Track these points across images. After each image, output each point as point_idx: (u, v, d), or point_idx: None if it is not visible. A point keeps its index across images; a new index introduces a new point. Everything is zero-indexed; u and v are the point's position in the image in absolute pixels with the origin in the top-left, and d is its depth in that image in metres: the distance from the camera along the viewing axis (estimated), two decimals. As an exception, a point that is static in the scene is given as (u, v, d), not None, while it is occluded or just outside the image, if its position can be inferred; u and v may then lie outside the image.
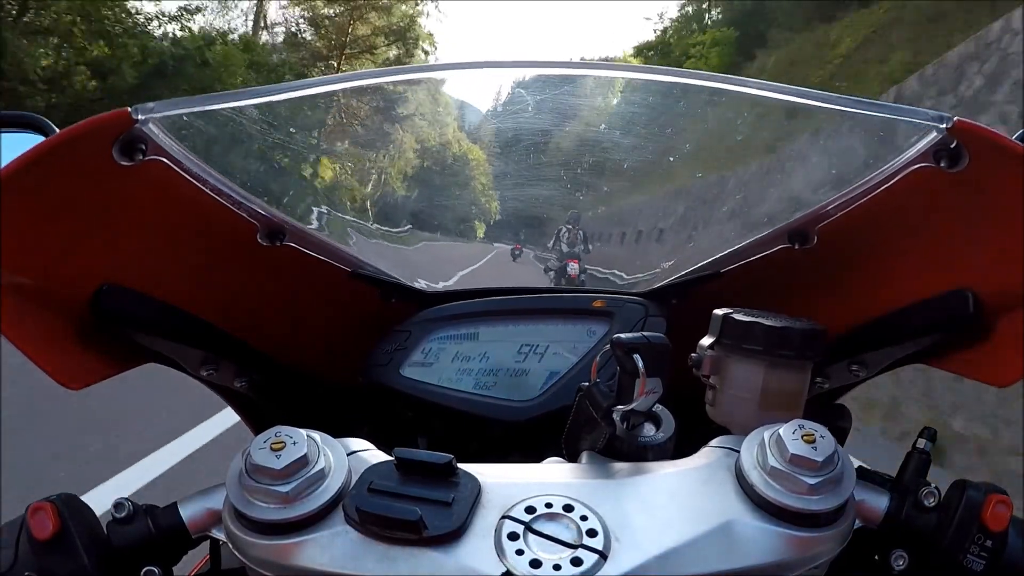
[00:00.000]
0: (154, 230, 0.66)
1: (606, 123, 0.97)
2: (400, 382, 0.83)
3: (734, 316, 0.59)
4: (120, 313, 0.66)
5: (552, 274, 1.18)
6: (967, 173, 0.59)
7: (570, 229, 1.11)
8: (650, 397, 0.54)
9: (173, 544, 0.53)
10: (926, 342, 0.72)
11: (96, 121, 0.55)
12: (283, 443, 0.47)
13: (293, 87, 0.66)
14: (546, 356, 0.84)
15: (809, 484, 0.47)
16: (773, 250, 0.78)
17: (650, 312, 0.84)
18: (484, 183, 1.13)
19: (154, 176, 0.60)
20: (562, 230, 1.11)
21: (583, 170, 1.00)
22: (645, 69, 0.79)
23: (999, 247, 0.63)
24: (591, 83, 0.86)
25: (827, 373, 0.81)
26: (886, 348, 0.75)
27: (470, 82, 0.89)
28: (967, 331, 0.68)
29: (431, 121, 1.18)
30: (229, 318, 0.75)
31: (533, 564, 0.43)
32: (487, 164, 1.09)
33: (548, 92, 0.85)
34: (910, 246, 0.71)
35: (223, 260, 0.74)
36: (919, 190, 0.64)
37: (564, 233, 1.11)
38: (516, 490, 0.48)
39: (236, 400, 0.87)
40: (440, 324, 0.86)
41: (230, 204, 0.68)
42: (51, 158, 0.54)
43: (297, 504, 0.46)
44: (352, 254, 0.84)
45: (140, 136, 0.57)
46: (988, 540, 0.51)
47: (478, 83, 0.88)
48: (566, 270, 1.16)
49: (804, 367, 0.59)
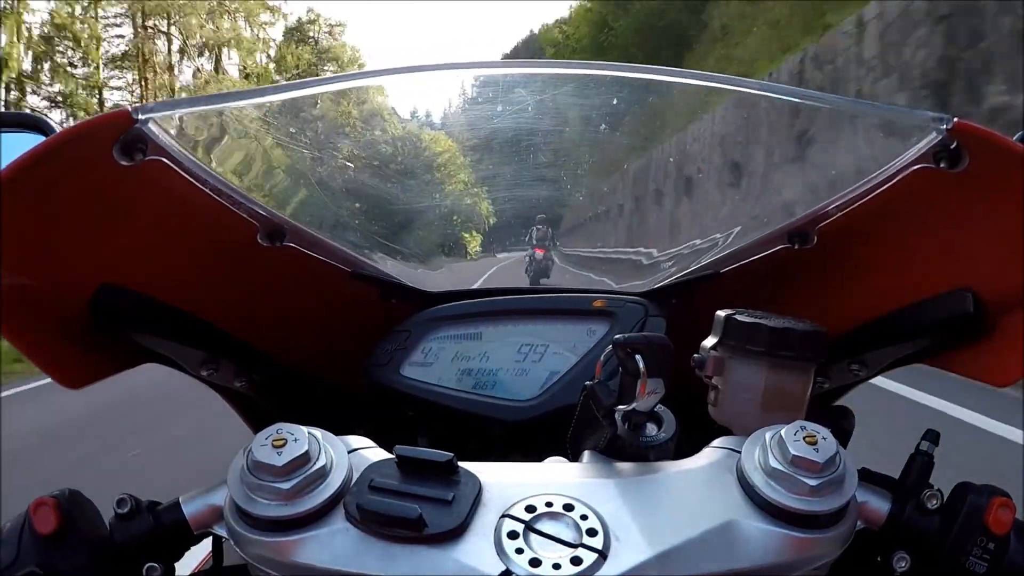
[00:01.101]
0: (154, 230, 0.66)
1: (607, 124, 0.98)
2: (400, 382, 0.83)
3: (736, 317, 0.60)
4: (120, 313, 0.66)
5: (527, 260, 1.43)
6: (967, 174, 0.59)
7: (539, 228, 1.30)
8: (652, 397, 0.54)
9: (175, 540, 0.53)
10: (926, 342, 0.72)
11: (96, 121, 0.55)
12: (284, 440, 0.47)
13: (293, 87, 0.67)
14: (546, 356, 0.84)
15: (810, 485, 0.46)
16: (773, 250, 0.78)
17: (650, 312, 0.84)
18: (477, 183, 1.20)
19: (154, 176, 0.60)
20: (533, 229, 1.31)
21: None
22: (644, 69, 0.78)
23: (999, 247, 0.63)
24: (596, 83, 0.86)
25: (827, 373, 0.81)
26: (886, 348, 0.75)
27: (463, 81, 0.89)
28: (967, 331, 0.68)
29: (424, 119, 1.22)
30: (229, 318, 0.75)
31: (533, 563, 0.43)
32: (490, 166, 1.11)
33: (548, 92, 0.86)
34: (910, 246, 0.71)
35: (223, 260, 0.74)
36: (919, 191, 0.64)
37: (534, 231, 1.32)
38: (516, 489, 0.48)
39: (236, 400, 0.87)
40: (440, 324, 0.86)
41: (230, 204, 0.68)
42: (51, 158, 0.54)
43: (298, 501, 0.46)
44: (352, 254, 0.84)
45: (140, 136, 0.57)
46: (991, 543, 0.51)
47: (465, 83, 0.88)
48: (535, 256, 1.44)
49: (806, 368, 0.59)
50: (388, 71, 0.76)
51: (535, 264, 1.56)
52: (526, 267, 1.51)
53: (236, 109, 0.75)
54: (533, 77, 0.90)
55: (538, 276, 1.61)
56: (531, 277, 1.57)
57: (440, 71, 0.75)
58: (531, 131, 0.94)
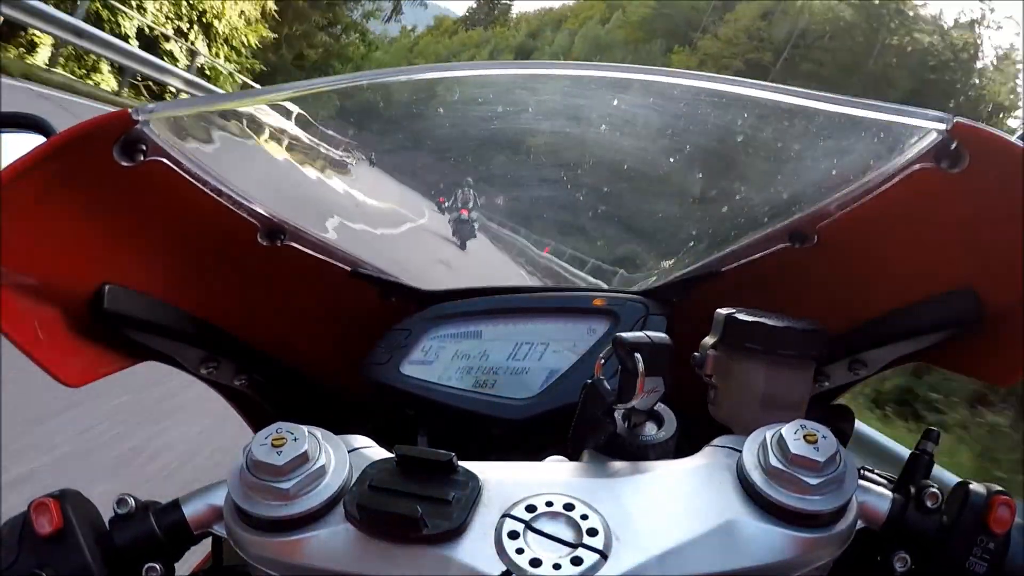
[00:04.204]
0: (154, 230, 0.66)
1: (607, 124, 0.98)
2: (400, 380, 0.83)
3: (736, 316, 0.59)
4: (120, 313, 0.66)
5: (451, 221, 1.64)
6: (967, 173, 0.59)
7: (464, 191, 1.50)
8: (651, 396, 0.54)
9: (175, 541, 0.52)
10: (927, 341, 0.72)
11: (97, 121, 0.56)
12: (284, 439, 0.47)
13: (293, 87, 0.67)
14: (546, 354, 0.83)
15: (811, 484, 0.46)
16: (773, 249, 0.78)
17: (651, 311, 0.84)
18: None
19: (154, 176, 0.60)
20: (459, 191, 1.50)
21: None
22: (643, 70, 0.78)
23: (999, 247, 0.63)
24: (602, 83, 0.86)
25: (827, 372, 0.81)
26: (886, 347, 0.75)
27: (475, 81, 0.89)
28: (968, 330, 0.68)
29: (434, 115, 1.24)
30: (229, 317, 0.75)
31: (533, 563, 0.43)
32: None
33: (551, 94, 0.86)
34: (910, 246, 0.71)
35: (223, 260, 0.74)
36: (919, 190, 0.64)
37: (460, 193, 1.52)
38: (517, 488, 0.47)
39: (236, 399, 0.87)
40: (440, 323, 0.86)
41: (230, 204, 0.68)
42: (52, 158, 0.54)
43: (298, 501, 0.46)
44: (352, 254, 0.84)
45: (140, 136, 0.57)
46: (991, 542, 0.51)
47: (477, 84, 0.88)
48: (460, 218, 1.64)
49: (806, 367, 0.59)
50: (392, 71, 0.76)
51: (459, 225, 1.71)
52: (452, 230, 1.70)
53: (236, 109, 0.75)
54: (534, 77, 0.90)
55: (464, 236, 1.79)
56: (459, 237, 1.78)
57: (440, 72, 0.75)
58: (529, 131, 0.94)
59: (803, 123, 0.79)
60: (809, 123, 0.79)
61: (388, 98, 0.86)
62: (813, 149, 0.81)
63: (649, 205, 1.21)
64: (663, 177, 1.05)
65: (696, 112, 0.85)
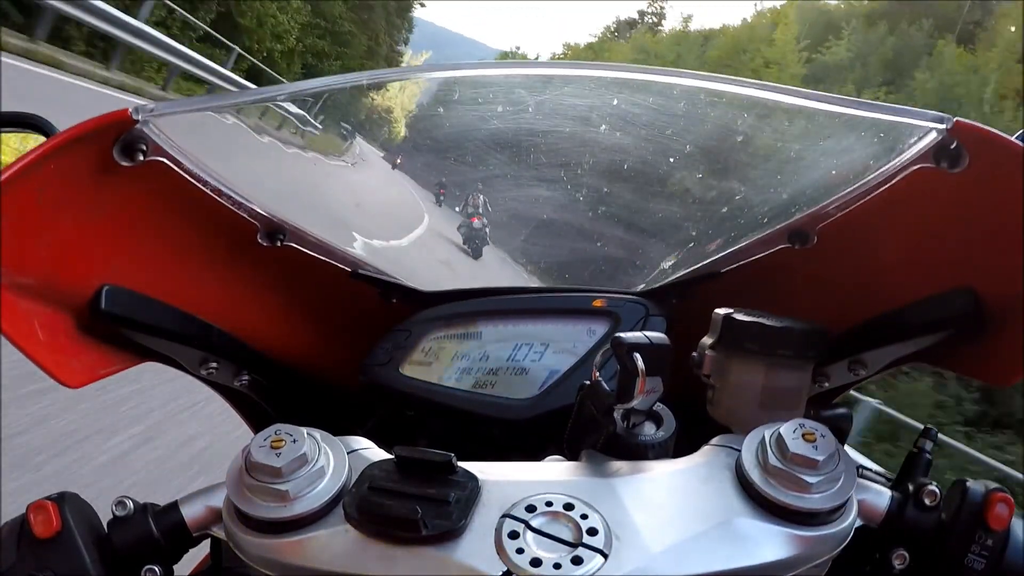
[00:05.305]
0: (154, 230, 0.66)
1: (607, 125, 0.98)
2: (400, 381, 0.83)
3: (735, 316, 0.60)
4: (120, 313, 0.66)
5: (463, 229, 1.59)
6: (967, 173, 0.59)
7: (473, 195, 1.45)
8: (650, 396, 0.54)
9: (174, 543, 0.52)
10: (927, 341, 0.71)
11: (97, 121, 0.56)
12: (283, 441, 0.47)
13: (293, 87, 0.67)
14: (546, 355, 0.83)
15: (810, 483, 0.47)
16: (773, 250, 0.78)
17: (650, 312, 0.84)
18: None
19: (155, 176, 0.60)
20: (469, 196, 1.44)
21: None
22: (643, 70, 0.79)
23: (1000, 247, 0.63)
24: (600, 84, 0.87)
25: (827, 373, 0.81)
26: (886, 347, 0.75)
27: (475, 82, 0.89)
28: (968, 330, 0.68)
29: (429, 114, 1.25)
30: (229, 318, 0.75)
31: (533, 563, 0.43)
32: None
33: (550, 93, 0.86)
34: (910, 246, 0.71)
35: (223, 260, 0.74)
36: (919, 190, 0.64)
37: (469, 198, 1.46)
38: (516, 489, 0.48)
39: (236, 399, 0.87)
40: (440, 323, 0.86)
41: (230, 204, 0.68)
42: (52, 158, 0.54)
43: (297, 502, 0.46)
44: (352, 254, 0.84)
45: (141, 136, 0.57)
46: (989, 539, 0.51)
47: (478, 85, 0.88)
48: (472, 224, 1.58)
49: (804, 367, 0.59)
50: (392, 71, 0.76)
51: (472, 232, 1.66)
52: (464, 238, 1.66)
53: (236, 109, 0.75)
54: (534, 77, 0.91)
55: (477, 244, 1.72)
56: (472, 246, 1.71)
57: (439, 72, 0.75)
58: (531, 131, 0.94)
59: (803, 123, 0.79)
60: (809, 123, 0.79)
61: (389, 99, 0.86)
62: (813, 149, 0.81)
63: (649, 205, 1.21)
64: (663, 177, 1.05)
65: (696, 112, 0.85)
